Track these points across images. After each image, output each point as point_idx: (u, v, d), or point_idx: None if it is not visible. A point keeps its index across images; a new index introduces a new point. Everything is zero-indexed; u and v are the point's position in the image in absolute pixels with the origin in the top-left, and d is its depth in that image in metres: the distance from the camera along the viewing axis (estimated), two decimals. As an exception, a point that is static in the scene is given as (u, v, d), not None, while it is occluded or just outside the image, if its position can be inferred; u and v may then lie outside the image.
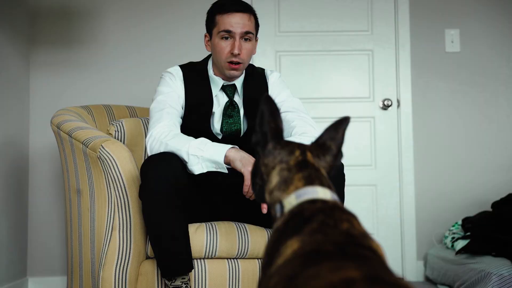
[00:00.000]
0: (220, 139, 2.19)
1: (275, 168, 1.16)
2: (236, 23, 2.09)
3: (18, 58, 3.13)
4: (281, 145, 1.17)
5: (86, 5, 3.33)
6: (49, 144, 3.17)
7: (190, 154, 1.92)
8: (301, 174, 1.12)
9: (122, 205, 2.02)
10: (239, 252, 2.10)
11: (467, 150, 3.49)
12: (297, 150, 1.17)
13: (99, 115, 2.60)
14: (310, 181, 1.10)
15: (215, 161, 1.91)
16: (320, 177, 1.12)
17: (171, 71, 2.21)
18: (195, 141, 1.95)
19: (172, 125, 2.05)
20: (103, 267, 1.99)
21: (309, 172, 1.12)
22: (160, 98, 2.13)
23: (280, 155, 1.16)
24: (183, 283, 1.96)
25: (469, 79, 3.51)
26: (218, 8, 2.13)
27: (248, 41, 2.13)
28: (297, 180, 1.11)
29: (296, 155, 1.16)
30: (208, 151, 1.91)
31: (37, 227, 3.21)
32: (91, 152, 2.08)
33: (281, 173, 1.14)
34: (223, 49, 2.11)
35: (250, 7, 2.16)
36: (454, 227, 3.26)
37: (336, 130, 1.23)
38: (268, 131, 1.18)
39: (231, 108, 2.20)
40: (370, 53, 3.51)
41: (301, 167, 1.14)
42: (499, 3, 3.54)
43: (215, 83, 2.21)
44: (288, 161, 1.15)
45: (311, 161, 1.16)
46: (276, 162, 1.16)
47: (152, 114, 2.11)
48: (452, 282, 2.97)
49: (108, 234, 2.02)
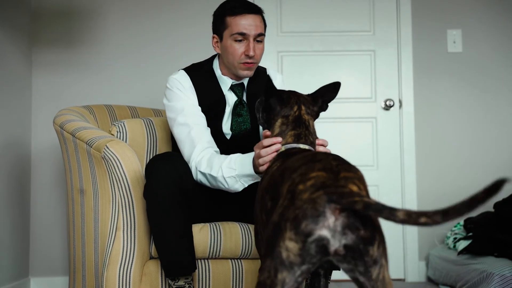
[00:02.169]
0: (229, 139, 2.20)
1: (278, 120, 1.70)
2: (249, 25, 2.10)
3: (20, 58, 3.13)
4: (283, 103, 1.69)
5: (88, 5, 3.33)
6: (51, 143, 3.17)
7: (225, 177, 1.94)
8: (293, 132, 1.66)
9: (126, 205, 2.02)
10: (242, 253, 2.10)
11: (469, 150, 3.49)
12: (295, 106, 1.69)
13: (101, 115, 2.61)
14: (298, 139, 1.64)
15: (249, 175, 1.92)
16: (307, 135, 1.65)
17: (178, 78, 2.18)
18: (224, 162, 1.96)
19: (202, 150, 2.05)
20: (107, 267, 1.99)
21: (300, 131, 1.65)
22: (180, 119, 2.12)
23: (282, 111, 1.69)
24: (186, 283, 1.97)
25: (471, 79, 3.51)
26: (229, 10, 2.12)
27: (260, 42, 2.15)
28: (288, 136, 1.65)
29: (294, 111, 1.69)
30: (238, 168, 1.93)
31: (40, 227, 3.21)
32: (95, 152, 2.08)
33: (281, 127, 1.68)
34: (236, 50, 2.11)
35: (259, 8, 2.17)
36: (456, 228, 3.26)
37: (328, 90, 1.87)
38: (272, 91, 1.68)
39: (240, 107, 2.22)
40: (372, 54, 3.51)
41: (295, 125, 1.67)
42: (501, 3, 3.54)
43: (224, 82, 2.22)
44: (288, 116, 1.68)
45: (304, 117, 1.69)
46: (279, 116, 1.69)
47: (180, 139, 2.11)
48: (454, 282, 2.97)
49: (112, 234, 2.02)
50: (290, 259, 1.13)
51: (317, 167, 1.25)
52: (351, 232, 1.13)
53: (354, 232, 1.13)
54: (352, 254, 1.14)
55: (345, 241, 1.12)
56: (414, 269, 3.42)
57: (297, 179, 1.24)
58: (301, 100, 1.73)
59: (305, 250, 1.12)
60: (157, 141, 2.46)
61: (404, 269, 3.42)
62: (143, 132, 2.43)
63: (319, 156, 1.31)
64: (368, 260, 1.14)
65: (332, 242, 1.12)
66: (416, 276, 3.42)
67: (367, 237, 1.14)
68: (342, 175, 1.21)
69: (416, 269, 3.42)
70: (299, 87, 3.43)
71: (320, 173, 1.22)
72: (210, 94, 2.20)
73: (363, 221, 1.14)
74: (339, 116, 3.47)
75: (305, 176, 1.23)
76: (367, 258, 1.14)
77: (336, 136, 3.45)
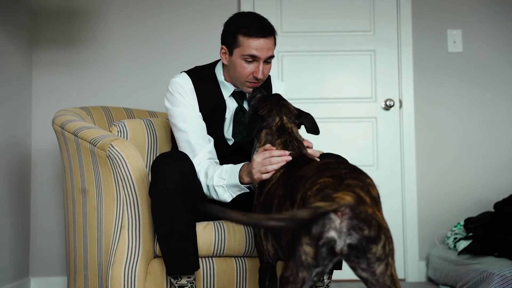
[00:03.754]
0: (230, 145, 2.22)
1: (263, 131, 1.90)
2: (261, 48, 2.07)
3: (20, 58, 3.13)
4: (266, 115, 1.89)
5: (88, 5, 3.33)
6: (51, 144, 3.17)
7: (215, 186, 1.99)
8: (279, 140, 1.86)
9: (131, 204, 2.03)
10: (246, 251, 2.11)
11: (469, 150, 3.49)
12: (276, 117, 1.89)
13: (98, 116, 2.61)
14: (285, 146, 1.84)
15: (235, 185, 1.98)
16: (292, 141, 1.85)
17: (179, 82, 2.18)
18: (216, 172, 2.00)
19: (202, 159, 2.08)
20: (112, 266, 1.99)
21: (285, 138, 1.85)
22: (181, 126, 2.14)
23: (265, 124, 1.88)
24: (188, 282, 1.97)
25: (472, 79, 3.51)
26: (243, 30, 2.07)
27: (269, 63, 2.14)
28: (277, 145, 1.85)
29: (276, 122, 1.89)
30: (227, 178, 1.98)
31: (40, 227, 3.21)
32: (100, 151, 2.08)
33: (266, 137, 1.89)
34: (245, 70, 2.10)
35: (273, 28, 2.14)
36: (456, 228, 3.26)
37: (313, 125, 1.96)
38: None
39: (241, 114, 2.22)
40: (372, 54, 3.51)
41: (280, 133, 1.87)
42: (501, 3, 3.55)
43: (226, 88, 2.22)
44: (272, 127, 1.88)
45: (287, 125, 1.88)
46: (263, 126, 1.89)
47: (181, 146, 2.14)
48: (454, 282, 2.97)
49: (116, 233, 2.02)
50: (308, 262, 1.28)
51: (326, 175, 1.39)
52: (355, 233, 1.25)
53: (358, 232, 1.25)
54: (356, 252, 1.26)
55: (349, 240, 1.25)
56: (414, 269, 3.42)
57: (308, 186, 1.38)
58: (282, 111, 1.92)
59: (318, 253, 1.27)
60: (157, 141, 2.46)
61: (404, 269, 3.42)
62: (144, 132, 2.43)
63: (332, 165, 1.44)
64: (371, 257, 1.26)
65: (338, 242, 1.25)
66: (416, 276, 3.42)
67: (371, 236, 1.26)
68: (346, 182, 1.33)
69: (416, 269, 3.42)
70: (299, 87, 3.46)
71: (327, 179, 1.36)
72: (211, 98, 2.20)
73: (367, 222, 1.26)
74: (339, 116, 3.47)
75: (314, 183, 1.37)
76: (369, 255, 1.26)
77: (336, 136, 3.45)
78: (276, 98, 1.98)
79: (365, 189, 1.33)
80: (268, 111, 1.91)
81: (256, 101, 2.02)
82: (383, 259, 1.27)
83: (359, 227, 1.25)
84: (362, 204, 1.28)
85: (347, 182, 1.33)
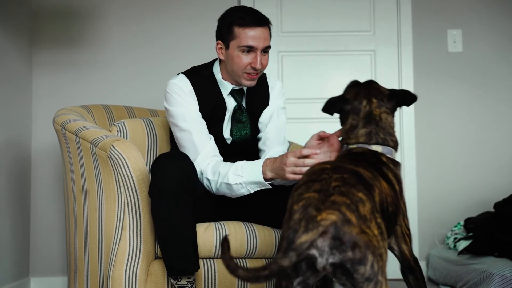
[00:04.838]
0: (229, 144, 2.21)
1: (349, 117, 1.74)
2: (258, 38, 2.09)
3: (20, 58, 3.13)
4: (351, 98, 1.74)
5: (88, 5, 3.33)
6: (51, 143, 3.17)
7: (232, 184, 2.00)
8: (364, 130, 1.70)
9: (132, 205, 2.03)
10: (247, 252, 2.11)
11: (469, 150, 3.49)
12: (364, 100, 1.72)
13: (99, 115, 2.61)
14: (369, 139, 1.70)
15: (258, 182, 1.99)
16: (378, 133, 1.71)
17: (178, 83, 2.18)
18: (231, 170, 2.01)
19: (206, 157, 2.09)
20: (113, 267, 1.99)
21: (370, 129, 1.70)
22: (182, 125, 2.14)
23: (351, 106, 1.73)
24: (188, 283, 1.97)
25: (472, 79, 3.51)
26: (237, 20, 2.10)
27: (266, 53, 2.15)
28: (360, 135, 1.70)
29: (363, 105, 1.72)
30: (246, 175, 1.99)
31: (40, 227, 3.21)
32: (101, 151, 2.08)
33: (352, 122, 1.73)
34: (243, 61, 2.11)
35: (268, 20, 2.16)
36: (457, 228, 3.26)
37: (410, 96, 1.86)
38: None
39: (239, 113, 2.22)
40: (372, 54, 3.51)
41: (365, 122, 1.70)
42: (502, 3, 3.55)
43: (224, 87, 2.22)
44: (359, 113, 1.71)
45: (375, 112, 1.71)
46: (349, 110, 1.74)
47: (183, 145, 2.14)
48: (454, 282, 2.97)
49: (117, 234, 2.02)
50: (288, 272, 1.29)
51: (313, 188, 1.34)
52: (338, 253, 1.24)
53: (341, 253, 1.24)
54: (341, 270, 1.26)
55: (332, 260, 1.25)
56: (414, 269, 3.41)
57: (295, 198, 1.35)
58: (372, 93, 1.75)
59: (297, 266, 1.27)
60: (157, 141, 2.46)
61: (404, 269, 3.42)
62: (143, 132, 2.43)
63: (324, 175, 1.38)
64: (359, 277, 1.24)
65: (320, 260, 1.25)
66: (416, 276, 3.41)
67: (356, 258, 1.24)
68: (332, 198, 1.30)
69: (416, 269, 3.41)
70: (299, 87, 3.45)
71: (312, 194, 1.32)
72: (211, 98, 2.20)
73: (350, 243, 1.24)
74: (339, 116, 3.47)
75: (300, 197, 1.34)
76: (357, 276, 1.24)
77: (336, 136, 3.45)
78: (367, 82, 1.86)
79: (352, 207, 1.29)
80: (355, 94, 1.77)
81: (346, 86, 1.90)
82: (372, 278, 1.25)
83: (342, 248, 1.24)
84: (347, 224, 1.25)
85: (333, 198, 1.29)
